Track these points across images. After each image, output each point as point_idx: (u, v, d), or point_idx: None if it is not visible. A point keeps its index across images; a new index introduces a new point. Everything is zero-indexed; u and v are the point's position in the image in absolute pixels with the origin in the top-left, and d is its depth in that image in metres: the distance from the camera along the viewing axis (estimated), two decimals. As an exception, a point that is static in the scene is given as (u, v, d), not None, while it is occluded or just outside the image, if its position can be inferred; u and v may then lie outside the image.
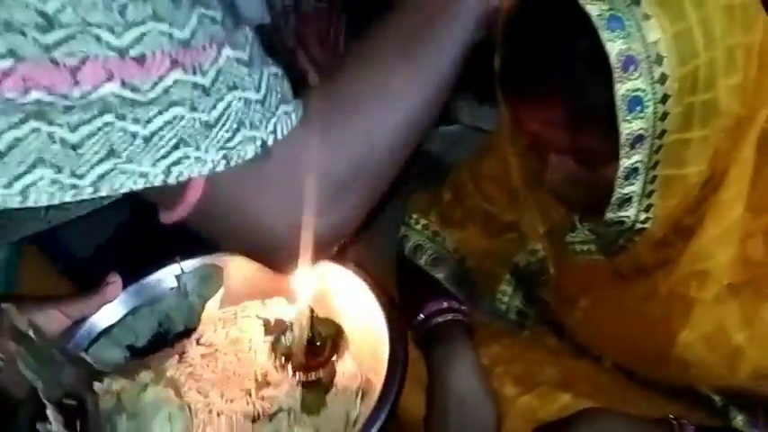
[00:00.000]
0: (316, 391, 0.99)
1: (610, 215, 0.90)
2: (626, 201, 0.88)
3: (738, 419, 1.00)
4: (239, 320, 1.10)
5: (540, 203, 1.09)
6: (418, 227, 1.25)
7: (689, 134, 0.84)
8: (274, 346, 1.00)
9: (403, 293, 1.23)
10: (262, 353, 1.04)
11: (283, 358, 0.98)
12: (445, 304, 1.17)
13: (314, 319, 0.99)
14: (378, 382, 0.93)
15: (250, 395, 1.00)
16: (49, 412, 0.84)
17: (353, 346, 1.01)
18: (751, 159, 0.90)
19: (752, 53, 0.84)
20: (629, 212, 0.90)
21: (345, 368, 1.02)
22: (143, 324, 1.07)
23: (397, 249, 1.26)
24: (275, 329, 1.06)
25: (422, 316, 1.16)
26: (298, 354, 0.98)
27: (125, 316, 1.07)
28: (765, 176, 0.92)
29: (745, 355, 0.94)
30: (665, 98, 0.80)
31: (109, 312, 1.06)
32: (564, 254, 1.08)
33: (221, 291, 1.11)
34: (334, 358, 0.98)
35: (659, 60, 0.78)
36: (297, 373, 0.97)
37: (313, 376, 0.98)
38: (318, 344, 0.99)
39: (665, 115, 0.81)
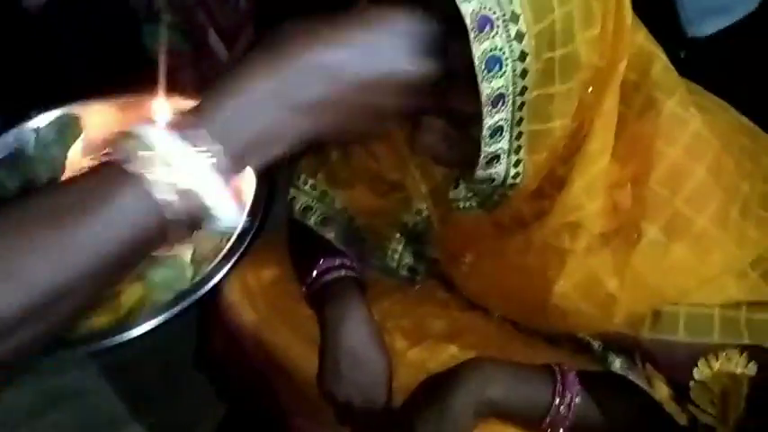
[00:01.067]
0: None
1: (480, 173, 0.90)
2: (494, 158, 0.89)
3: (616, 363, 1.03)
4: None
5: (422, 163, 1.10)
6: (306, 187, 1.24)
7: (551, 89, 0.84)
8: None
9: (294, 255, 1.23)
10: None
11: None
12: (337, 261, 1.17)
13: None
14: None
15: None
16: None
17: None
18: (614, 110, 0.91)
19: (609, 4, 0.85)
20: (499, 169, 0.90)
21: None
22: (9, 179, 1.07)
23: (287, 212, 1.26)
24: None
25: (314, 274, 1.16)
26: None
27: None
28: (630, 127, 0.94)
29: (619, 302, 0.96)
30: (523, 55, 0.80)
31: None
32: (448, 211, 1.09)
33: (81, 138, 1.13)
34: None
35: (515, 18, 0.78)
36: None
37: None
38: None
39: (524, 72, 0.81)
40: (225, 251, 1.16)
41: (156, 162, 0.61)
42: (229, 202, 0.63)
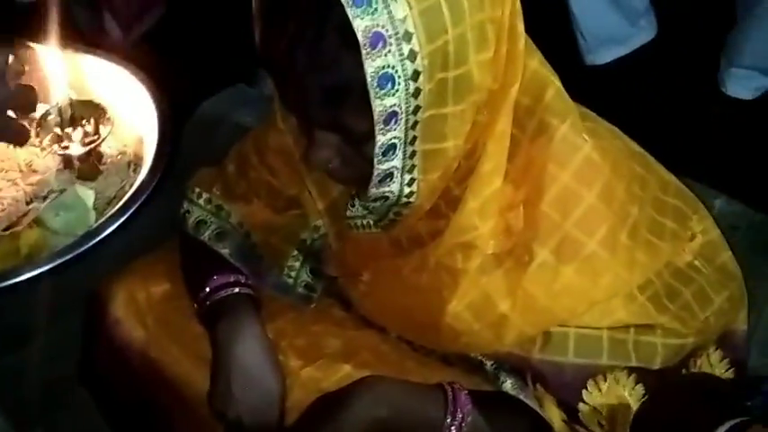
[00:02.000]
0: (89, 162, 1.26)
1: (373, 191, 0.90)
2: (387, 176, 0.88)
3: (507, 383, 1.03)
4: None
5: (318, 179, 1.09)
6: (201, 201, 1.22)
7: (444, 109, 0.85)
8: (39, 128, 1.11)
9: (187, 271, 1.20)
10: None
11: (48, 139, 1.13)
12: (231, 278, 1.15)
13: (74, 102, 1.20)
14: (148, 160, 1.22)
15: (17, 184, 1.00)
16: None
17: (123, 129, 1.24)
18: (507, 133, 0.92)
19: (502, 28, 0.86)
20: (392, 188, 0.90)
21: (115, 146, 1.29)
22: None
23: (179, 225, 1.23)
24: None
25: (207, 290, 1.14)
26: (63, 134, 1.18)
27: None
28: (524, 150, 0.94)
29: (510, 323, 0.96)
30: (415, 74, 0.80)
31: None
32: (345, 229, 1.08)
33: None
34: (100, 133, 1.18)
35: (408, 37, 0.78)
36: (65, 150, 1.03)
37: (83, 150, 1.20)
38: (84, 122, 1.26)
39: (417, 91, 0.81)
40: (127, 197, 1.18)
41: None
42: None
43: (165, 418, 1.18)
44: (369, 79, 0.78)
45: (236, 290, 1.15)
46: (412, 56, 0.79)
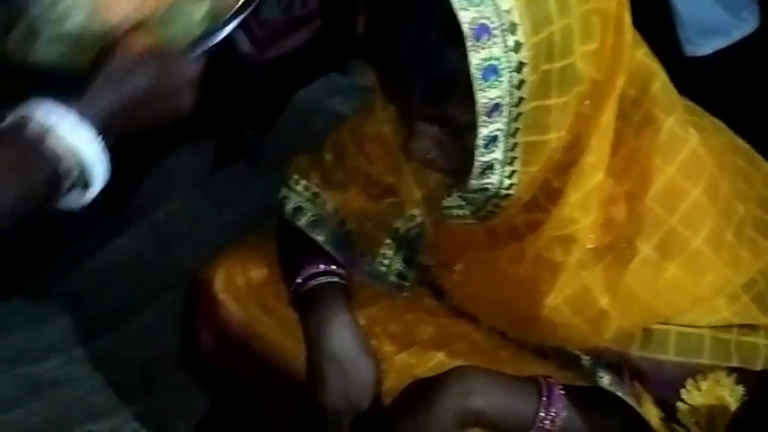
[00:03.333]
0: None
1: (473, 182, 0.90)
2: (488, 168, 0.88)
3: (605, 379, 1.01)
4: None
5: (416, 168, 1.09)
6: (299, 188, 1.23)
7: (548, 101, 0.84)
8: None
9: (282, 257, 1.22)
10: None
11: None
12: (322, 267, 1.15)
13: None
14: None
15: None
16: None
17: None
18: (611, 125, 0.91)
19: (608, 19, 0.85)
20: (493, 179, 0.90)
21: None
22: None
23: (277, 211, 1.24)
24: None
25: (299, 280, 1.15)
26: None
27: None
28: (628, 143, 0.93)
29: (610, 318, 0.95)
30: (520, 66, 0.79)
31: None
32: (441, 219, 1.08)
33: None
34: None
35: (513, 28, 0.78)
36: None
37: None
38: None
39: (521, 83, 0.81)
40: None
41: (51, 130, 0.78)
42: (103, 166, 0.81)
43: (263, 399, 1.21)
44: (473, 71, 0.78)
45: (327, 279, 1.16)
46: (517, 47, 0.78)
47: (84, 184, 0.82)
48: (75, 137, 0.79)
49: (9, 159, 0.77)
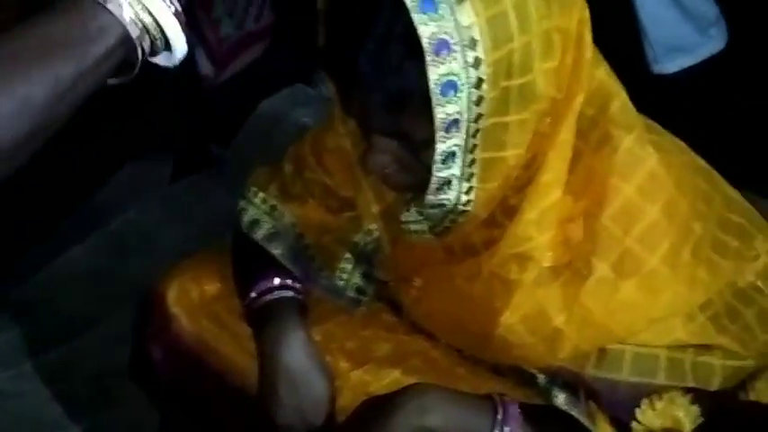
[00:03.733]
0: None
1: (430, 198, 0.89)
2: (445, 184, 0.87)
3: (560, 398, 1.01)
4: None
5: (374, 183, 1.08)
6: (256, 200, 1.21)
7: (506, 118, 0.84)
8: None
9: (237, 270, 1.20)
10: None
11: None
12: (277, 281, 1.14)
13: None
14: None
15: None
16: None
17: None
18: (569, 143, 0.91)
19: (568, 37, 0.84)
20: (450, 195, 0.89)
21: None
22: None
23: (234, 224, 1.23)
24: None
25: (253, 294, 1.13)
26: None
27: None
28: (586, 161, 0.93)
29: (565, 337, 0.94)
30: (479, 82, 0.79)
31: None
32: (399, 233, 1.07)
33: None
34: None
35: (473, 44, 0.77)
36: None
37: None
38: None
39: (480, 99, 0.80)
40: None
41: None
42: (177, 28, 0.73)
43: (216, 413, 1.19)
44: (432, 86, 0.77)
45: (282, 294, 1.14)
46: (476, 63, 0.78)
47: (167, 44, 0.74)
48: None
49: (68, 28, 0.69)
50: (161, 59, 0.75)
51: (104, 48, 0.69)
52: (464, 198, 0.90)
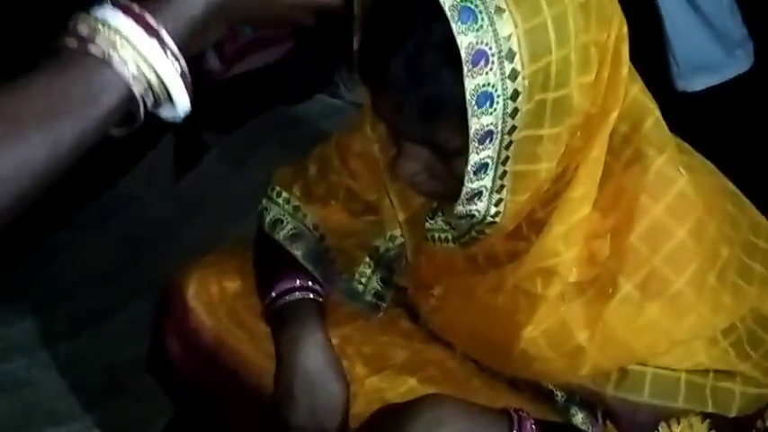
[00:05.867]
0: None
1: (459, 208, 0.89)
2: (476, 195, 0.87)
3: (578, 417, 1.00)
4: None
5: (400, 189, 1.07)
6: (279, 200, 1.21)
7: (540, 131, 0.83)
8: None
9: (258, 269, 1.20)
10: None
11: None
12: (298, 282, 1.14)
13: None
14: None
15: None
16: None
17: None
18: (601, 159, 0.90)
19: (606, 52, 0.84)
20: (479, 206, 0.89)
21: None
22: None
23: (257, 222, 1.23)
24: None
25: (273, 294, 1.13)
26: None
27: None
28: (616, 178, 0.92)
29: (586, 355, 0.94)
30: (515, 94, 0.78)
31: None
32: (422, 241, 1.07)
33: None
34: None
35: (511, 56, 0.77)
36: None
37: None
38: None
39: (515, 111, 0.80)
40: None
41: (122, 42, 0.67)
42: (181, 85, 0.70)
43: (229, 410, 1.19)
44: (468, 96, 0.77)
45: (303, 295, 1.14)
46: (513, 75, 0.77)
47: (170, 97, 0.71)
48: (148, 51, 0.68)
49: (70, 86, 0.66)
50: (163, 112, 0.73)
51: (107, 107, 0.67)
52: (493, 210, 0.89)
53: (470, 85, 0.76)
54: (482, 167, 0.83)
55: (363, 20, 0.85)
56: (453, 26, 0.75)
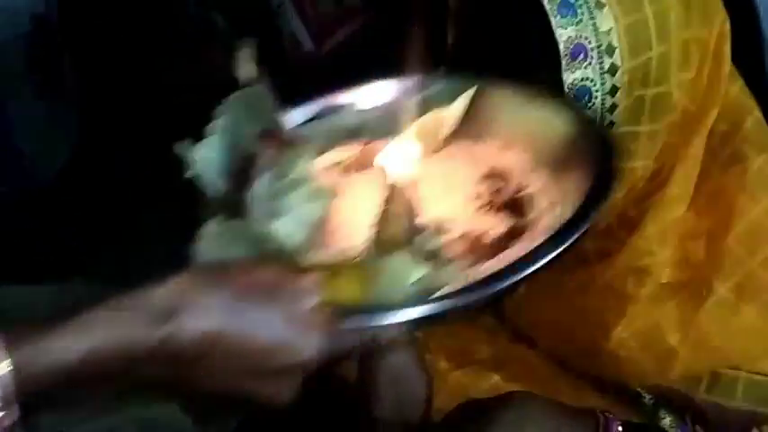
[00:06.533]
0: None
1: None
2: None
3: (667, 420, 0.99)
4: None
5: None
6: None
7: (638, 127, 0.82)
8: None
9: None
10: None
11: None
12: None
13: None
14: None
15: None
16: None
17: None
18: (698, 159, 0.88)
19: (707, 49, 0.82)
20: None
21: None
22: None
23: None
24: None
25: None
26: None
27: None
28: (713, 178, 0.90)
29: (678, 357, 0.92)
30: (614, 90, 0.78)
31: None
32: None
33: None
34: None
35: (610, 51, 0.76)
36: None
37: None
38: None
39: (613, 107, 0.79)
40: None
41: None
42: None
43: (311, 399, 1.19)
44: (566, 90, 0.76)
45: None
46: (612, 70, 0.77)
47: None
48: None
49: None
50: None
51: None
52: None
53: (569, 79, 0.76)
54: None
55: (456, 14, 0.84)
56: (552, 20, 0.75)
